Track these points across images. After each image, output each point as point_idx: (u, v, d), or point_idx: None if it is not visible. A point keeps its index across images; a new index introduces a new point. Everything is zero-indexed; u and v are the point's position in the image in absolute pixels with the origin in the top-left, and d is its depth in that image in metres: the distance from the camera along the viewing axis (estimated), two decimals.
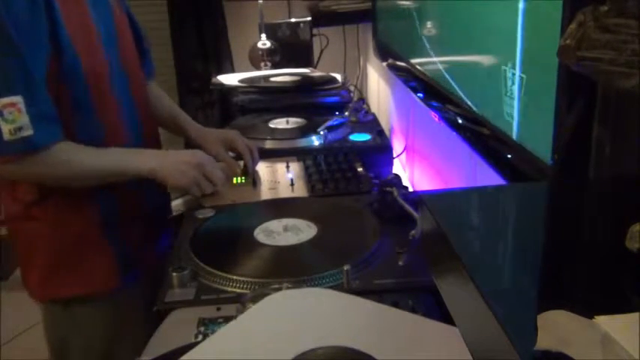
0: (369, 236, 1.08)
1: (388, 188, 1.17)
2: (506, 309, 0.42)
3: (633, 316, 0.38)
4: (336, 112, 1.83)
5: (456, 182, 1.34)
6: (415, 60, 1.38)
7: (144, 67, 1.34)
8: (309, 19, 2.46)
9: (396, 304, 0.85)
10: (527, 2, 0.75)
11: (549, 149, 0.74)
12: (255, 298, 0.78)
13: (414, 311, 0.84)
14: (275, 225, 1.14)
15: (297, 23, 2.52)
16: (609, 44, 0.51)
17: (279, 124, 1.78)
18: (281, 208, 1.23)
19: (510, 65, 0.84)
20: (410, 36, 1.37)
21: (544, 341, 0.38)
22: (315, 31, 2.51)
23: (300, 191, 1.37)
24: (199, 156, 1.18)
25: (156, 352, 0.81)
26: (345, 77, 2.19)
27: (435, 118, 1.26)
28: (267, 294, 0.79)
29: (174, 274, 0.97)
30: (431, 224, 0.58)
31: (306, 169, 1.47)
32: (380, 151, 1.60)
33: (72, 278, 1.17)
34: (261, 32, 2.45)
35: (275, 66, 2.43)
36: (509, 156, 0.88)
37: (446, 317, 0.67)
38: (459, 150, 1.24)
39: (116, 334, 1.21)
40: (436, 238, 0.56)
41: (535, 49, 0.76)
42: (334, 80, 2.14)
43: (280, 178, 1.44)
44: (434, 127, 1.46)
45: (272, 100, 2.02)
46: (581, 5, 0.54)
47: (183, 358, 0.70)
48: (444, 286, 0.56)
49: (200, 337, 0.84)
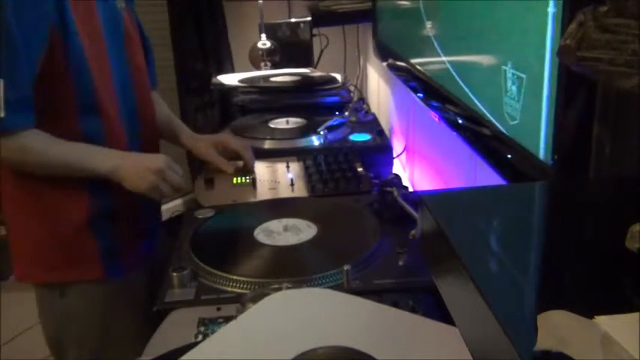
0: (369, 236, 1.08)
1: (388, 188, 1.18)
2: (506, 309, 0.42)
3: (633, 316, 0.38)
4: (336, 112, 1.82)
5: (456, 182, 1.34)
6: (421, 60, 1.38)
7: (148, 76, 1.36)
8: (309, 19, 2.46)
9: (396, 304, 0.85)
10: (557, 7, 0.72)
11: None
12: (255, 298, 0.78)
13: (414, 311, 0.84)
14: (275, 225, 1.14)
15: (297, 23, 2.52)
16: (609, 44, 0.50)
17: (279, 124, 1.78)
18: (281, 208, 1.23)
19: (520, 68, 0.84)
20: (416, 36, 1.36)
21: (544, 341, 0.38)
22: (315, 31, 2.51)
23: (300, 191, 1.37)
24: (160, 161, 1.16)
25: (156, 352, 0.81)
26: (345, 77, 2.19)
27: (435, 118, 1.26)
28: (267, 294, 0.79)
29: (174, 274, 0.97)
30: (431, 224, 0.58)
31: (306, 169, 1.47)
32: (380, 151, 1.60)
33: (55, 265, 1.20)
34: (261, 32, 2.45)
35: (275, 66, 2.42)
36: (509, 156, 0.88)
37: (446, 317, 0.67)
38: (459, 150, 1.24)
39: (108, 327, 1.23)
40: (436, 238, 0.56)
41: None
42: (334, 80, 2.14)
43: (280, 178, 1.44)
44: (434, 127, 1.46)
45: (272, 100, 2.02)
46: (581, 5, 0.54)
47: (183, 358, 0.70)
48: (444, 286, 0.56)
49: (200, 337, 0.84)
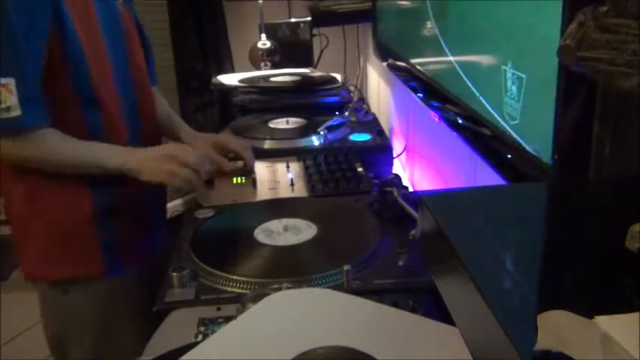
0: (369, 236, 1.08)
1: (388, 188, 1.17)
2: (506, 309, 0.42)
3: (633, 316, 0.38)
4: (336, 112, 1.82)
5: (456, 182, 1.34)
6: (426, 60, 1.37)
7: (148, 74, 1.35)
8: (309, 19, 2.46)
9: (396, 304, 0.85)
10: None
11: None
12: (255, 298, 0.78)
13: (414, 311, 0.84)
14: (275, 225, 1.14)
15: (297, 23, 2.52)
16: (609, 44, 0.51)
17: (279, 124, 1.78)
18: (281, 208, 1.23)
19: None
20: (422, 36, 1.35)
21: (544, 341, 0.38)
22: (315, 31, 2.51)
23: (300, 191, 1.37)
24: (171, 148, 1.16)
25: (156, 352, 0.81)
26: (345, 77, 2.19)
27: (435, 118, 1.26)
28: (267, 294, 0.79)
29: (174, 274, 0.97)
30: (431, 224, 0.58)
31: (306, 169, 1.47)
32: (380, 151, 1.60)
33: (60, 261, 1.19)
34: (261, 32, 2.45)
35: (275, 66, 2.42)
36: (509, 156, 0.88)
37: (446, 317, 0.67)
38: (459, 150, 1.24)
39: (110, 325, 1.23)
40: (436, 238, 0.56)
41: None
42: (334, 80, 2.14)
43: (280, 178, 1.44)
44: (434, 127, 1.46)
45: (272, 100, 2.02)
46: (581, 5, 0.54)
47: (183, 358, 0.70)
48: (444, 286, 0.56)
49: (200, 337, 0.84)
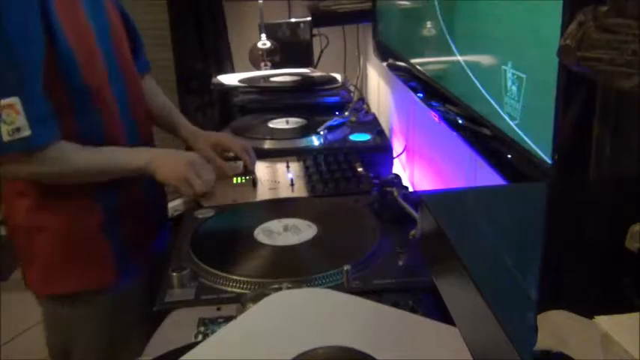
0: (369, 236, 1.08)
1: (388, 188, 1.17)
2: (506, 309, 0.42)
3: (633, 316, 0.38)
4: (336, 112, 1.82)
5: (456, 182, 1.34)
6: (429, 59, 1.37)
7: (138, 61, 1.34)
8: (309, 19, 2.45)
9: (396, 304, 0.85)
10: None
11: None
12: (255, 298, 0.78)
13: (414, 311, 0.84)
14: (275, 225, 1.14)
15: (297, 23, 2.52)
16: (609, 44, 0.51)
17: (279, 124, 1.78)
18: (281, 208, 1.23)
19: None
20: (428, 36, 1.35)
21: (544, 341, 0.38)
22: (315, 31, 2.51)
23: (300, 191, 1.37)
24: (191, 156, 1.21)
25: (156, 352, 0.81)
26: (345, 77, 2.19)
27: (435, 118, 1.26)
28: (267, 294, 0.79)
29: (174, 274, 0.97)
30: (431, 224, 0.58)
31: (306, 169, 1.47)
32: (380, 151, 1.60)
33: (70, 274, 1.18)
34: (261, 32, 2.45)
35: (275, 66, 2.42)
36: (509, 156, 0.88)
37: (446, 317, 0.67)
38: (459, 150, 1.24)
39: (116, 334, 1.22)
40: (436, 238, 0.56)
41: None
42: (334, 80, 2.14)
43: (280, 178, 1.44)
44: (434, 127, 1.46)
45: (272, 100, 2.02)
46: (581, 5, 0.54)
47: (183, 358, 0.70)
48: (444, 286, 0.56)
49: (200, 337, 0.84)
